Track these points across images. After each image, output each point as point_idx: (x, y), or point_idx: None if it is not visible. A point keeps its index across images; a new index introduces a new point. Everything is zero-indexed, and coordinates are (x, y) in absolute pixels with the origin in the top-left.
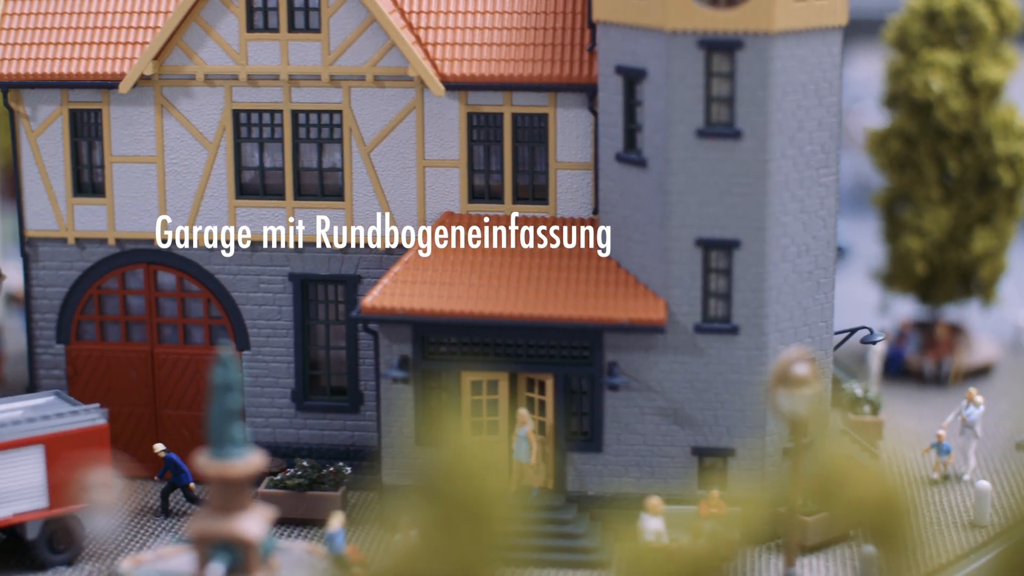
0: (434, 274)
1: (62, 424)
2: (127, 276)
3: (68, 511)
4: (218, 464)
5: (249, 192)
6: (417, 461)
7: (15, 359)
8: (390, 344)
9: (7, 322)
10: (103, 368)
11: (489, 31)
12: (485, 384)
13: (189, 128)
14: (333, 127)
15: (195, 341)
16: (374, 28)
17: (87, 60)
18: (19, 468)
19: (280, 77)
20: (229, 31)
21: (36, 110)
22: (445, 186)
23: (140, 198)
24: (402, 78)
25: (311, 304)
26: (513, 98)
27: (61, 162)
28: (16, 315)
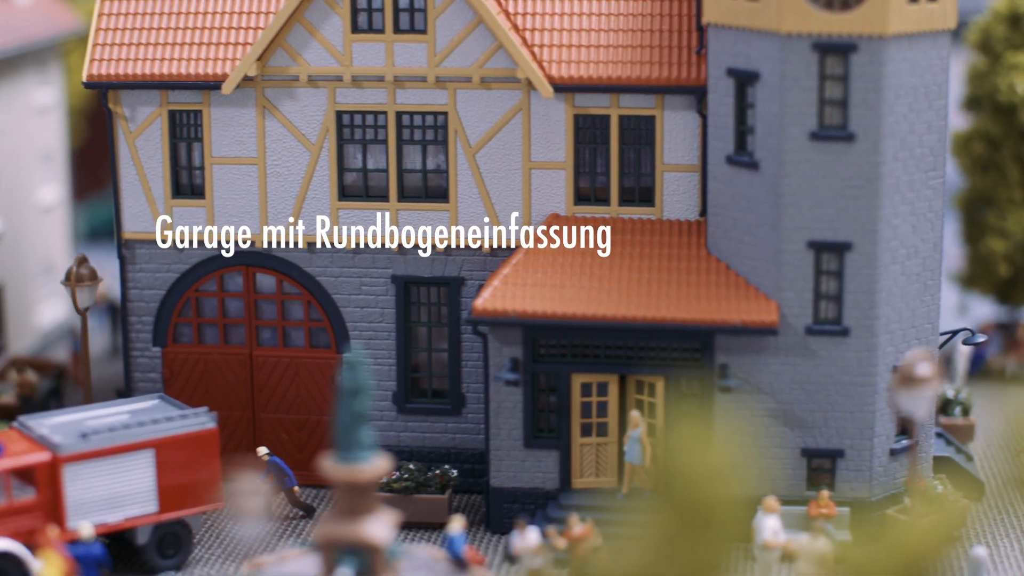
0: (543, 276)
1: (172, 428)
2: (225, 278)
3: (178, 516)
4: (345, 468)
5: (351, 194)
6: (526, 464)
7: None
8: (500, 346)
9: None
10: (200, 371)
11: (596, 33)
12: (595, 386)
13: (291, 130)
14: (437, 128)
15: (294, 344)
16: (480, 29)
17: (187, 61)
18: (130, 472)
19: (385, 78)
20: (333, 32)
21: (135, 111)
22: (551, 188)
23: (240, 200)
24: (508, 80)
25: (413, 306)
26: (620, 100)
27: (160, 164)
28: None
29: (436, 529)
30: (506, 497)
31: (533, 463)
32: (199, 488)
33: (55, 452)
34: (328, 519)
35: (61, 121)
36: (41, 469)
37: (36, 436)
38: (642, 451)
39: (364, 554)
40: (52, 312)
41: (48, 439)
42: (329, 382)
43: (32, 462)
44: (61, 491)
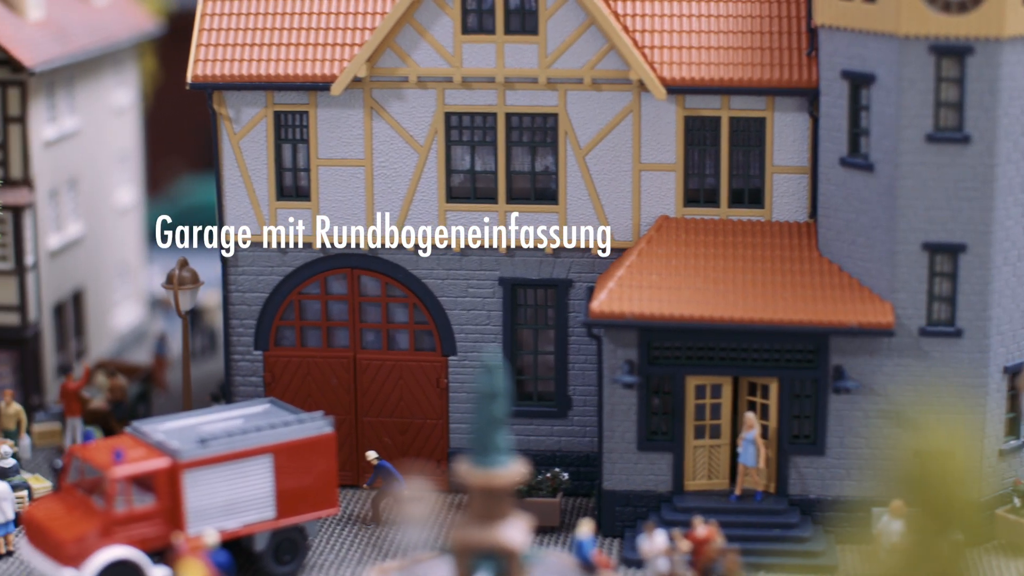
0: (658, 278)
1: (291, 433)
2: (329, 281)
3: (295, 522)
4: (482, 473)
5: (458, 195)
6: (639, 466)
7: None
8: (615, 349)
9: (160, 326)
10: (302, 374)
11: (706, 35)
12: (708, 388)
13: (399, 131)
14: (547, 130)
15: (399, 347)
16: (592, 30)
17: (294, 62)
18: (248, 478)
19: (496, 80)
20: (443, 33)
21: (240, 112)
22: (660, 190)
23: (346, 202)
24: (620, 81)
25: (519, 308)
26: (731, 102)
27: (264, 165)
28: (165, 319)
29: (547, 533)
30: (618, 500)
31: (646, 465)
32: (316, 493)
33: (175, 458)
34: (463, 523)
35: (137, 122)
36: (161, 476)
37: (153, 442)
38: (756, 453)
39: (501, 559)
40: (127, 315)
41: (166, 445)
42: (433, 385)
43: (152, 468)
44: (181, 498)
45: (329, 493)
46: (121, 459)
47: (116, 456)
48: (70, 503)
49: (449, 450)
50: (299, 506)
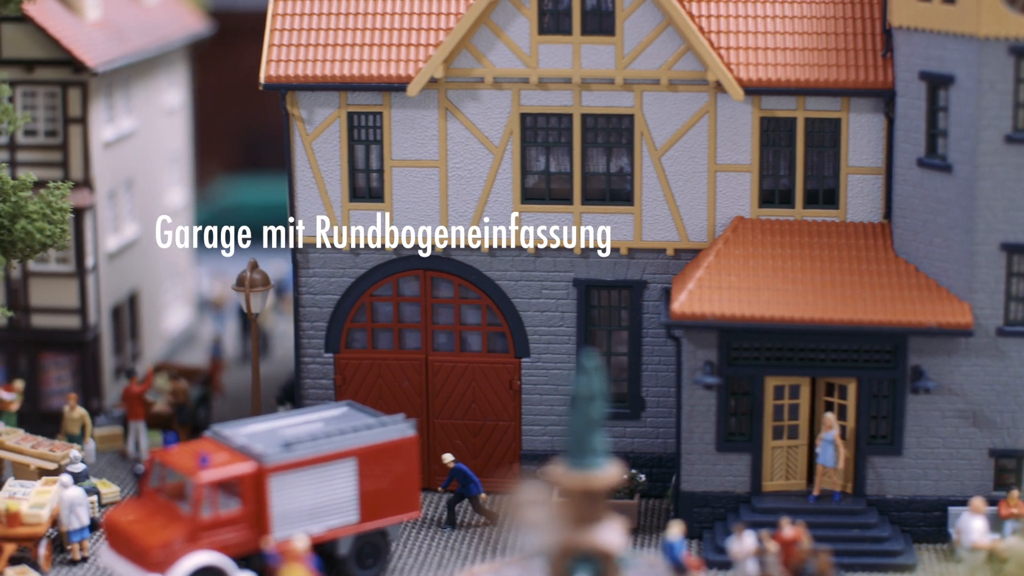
0: (737, 279)
1: (375, 436)
2: (401, 282)
3: (378, 526)
4: (579, 475)
5: (533, 196)
6: (717, 467)
7: (233, 366)
8: (694, 350)
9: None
10: (373, 376)
11: (781, 35)
12: (787, 389)
13: (474, 132)
14: (622, 131)
15: (471, 348)
16: (669, 31)
17: (367, 62)
18: (333, 482)
19: (572, 80)
20: (520, 34)
21: (312, 113)
22: (736, 191)
23: (420, 203)
24: (696, 82)
25: (593, 310)
26: (806, 103)
27: (337, 166)
28: (214, 320)
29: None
30: (696, 501)
31: (724, 467)
32: (398, 496)
33: (260, 462)
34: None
35: (188, 123)
36: (247, 480)
37: (236, 446)
38: (835, 453)
39: (597, 562)
40: (177, 317)
41: (251, 449)
42: (506, 387)
43: (238, 473)
44: (267, 502)
45: (411, 496)
46: (207, 464)
47: (202, 461)
48: (153, 508)
49: (521, 452)
50: (382, 510)
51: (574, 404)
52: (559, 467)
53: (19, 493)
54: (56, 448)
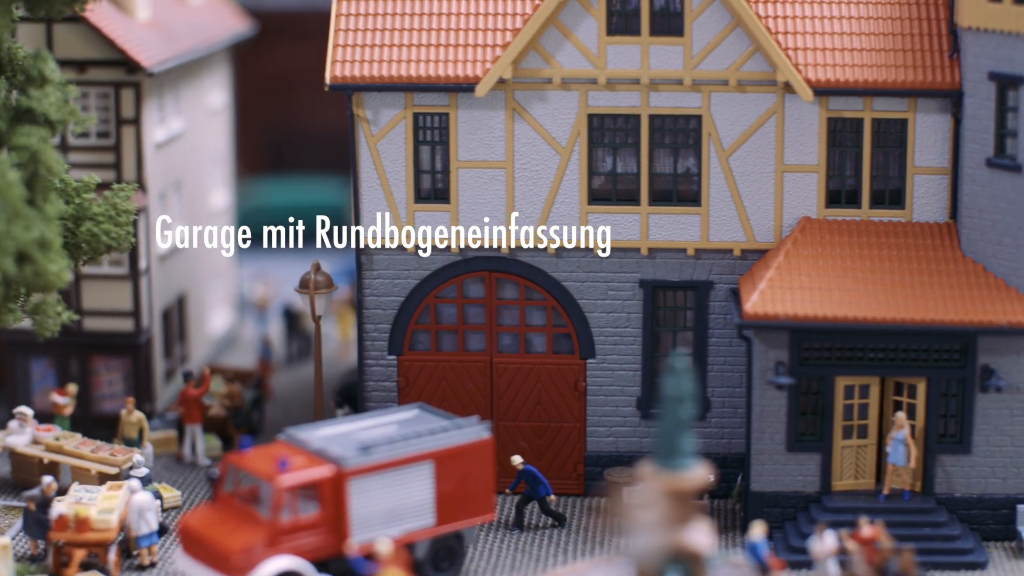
0: (807, 279)
1: (451, 439)
2: (466, 284)
3: (454, 528)
4: (668, 476)
5: (599, 197)
6: (787, 467)
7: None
8: (766, 350)
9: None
10: (437, 379)
11: (848, 36)
12: (857, 388)
13: (541, 132)
14: (689, 131)
15: (536, 350)
16: (737, 32)
17: (434, 63)
18: (410, 485)
19: (640, 81)
20: (588, 34)
21: (378, 114)
22: (803, 191)
23: (486, 204)
24: (764, 83)
25: (658, 310)
26: (873, 103)
27: (402, 167)
28: (257, 322)
29: None
30: (766, 501)
31: (795, 467)
32: (473, 499)
33: (339, 466)
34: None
35: (230, 123)
36: (326, 484)
37: (313, 450)
38: (906, 452)
39: (687, 563)
40: (221, 319)
41: (329, 453)
42: (571, 388)
43: (318, 477)
44: (346, 506)
45: (486, 499)
46: (286, 468)
47: (281, 465)
48: (229, 513)
49: (586, 453)
50: (457, 512)
51: (664, 405)
52: (648, 468)
53: (85, 498)
54: (117, 452)
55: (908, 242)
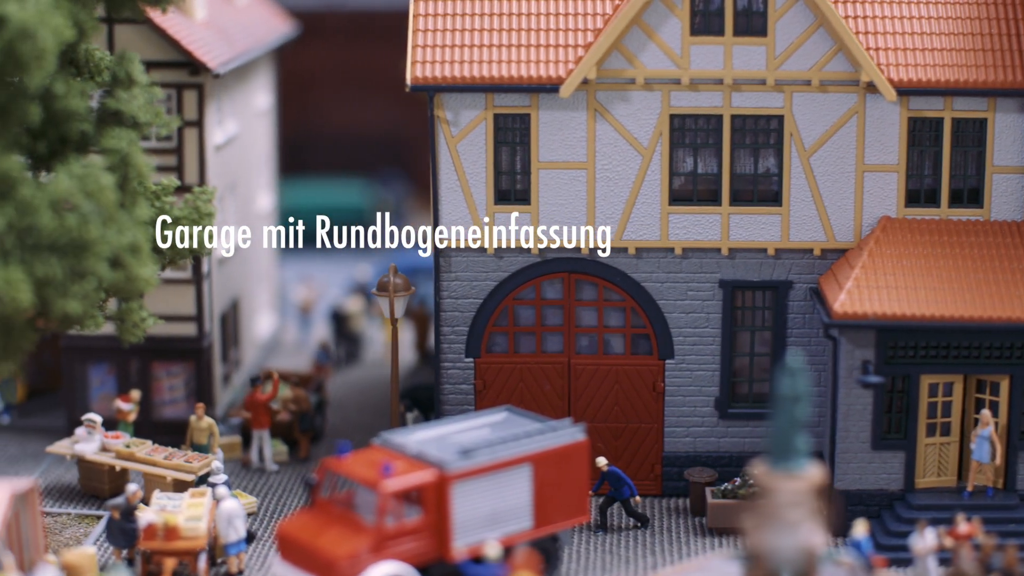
0: (892, 278)
1: (548, 441)
2: (544, 285)
3: (551, 531)
4: (782, 476)
5: (679, 198)
6: (872, 465)
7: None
8: (852, 349)
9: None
10: (515, 381)
11: (929, 36)
12: (940, 386)
13: (623, 133)
14: (770, 132)
15: (614, 351)
16: (820, 32)
17: (515, 63)
18: (509, 488)
19: (723, 81)
20: (671, 34)
21: (458, 115)
22: (882, 191)
23: (566, 205)
24: (846, 83)
25: (737, 310)
26: (954, 103)
27: (482, 169)
28: (301, 325)
29: None
30: (851, 499)
31: (879, 465)
32: (569, 501)
33: (442, 470)
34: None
35: (273, 125)
36: (429, 488)
37: (411, 454)
38: (991, 449)
39: (800, 561)
40: (266, 323)
41: (429, 456)
42: (649, 389)
43: (421, 481)
44: (448, 510)
45: (581, 501)
46: (390, 473)
47: (385, 470)
48: (329, 519)
49: (663, 454)
50: (554, 515)
51: (778, 405)
52: (761, 467)
53: (169, 506)
54: (192, 459)
55: (987, 240)
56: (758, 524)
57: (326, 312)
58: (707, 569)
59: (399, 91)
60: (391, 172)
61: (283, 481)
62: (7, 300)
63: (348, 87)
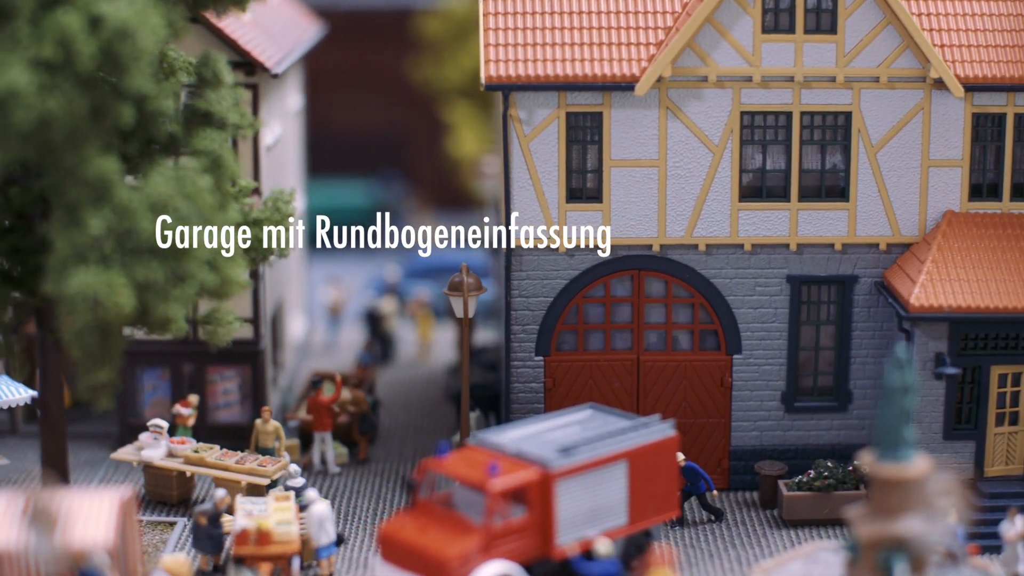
0: (963, 271)
1: (643, 437)
2: (613, 283)
3: (645, 526)
4: (891, 466)
5: (748, 194)
6: (943, 455)
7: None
8: (926, 341)
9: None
10: (584, 378)
11: (992, 33)
12: (1010, 376)
13: (695, 131)
14: (837, 128)
15: (681, 347)
16: (889, 30)
17: (588, 62)
18: (606, 485)
19: (794, 79)
20: (743, 33)
21: (531, 114)
22: (947, 185)
23: (638, 203)
24: (913, 79)
25: (803, 305)
26: (1016, 99)
27: (554, 167)
28: (331, 327)
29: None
30: None
31: (950, 455)
32: (661, 497)
33: (545, 468)
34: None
35: (303, 126)
36: (534, 487)
37: (512, 453)
38: None
39: (909, 551)
40: (298, 325)
41: (531, 455)
42: (717, 384)
43: (527, 480)
44: (552, 508)
45: (671, 496)
46: (496, 472)
47: (491, 470)
48: (431, 519)
49: (730, 449)
50: (647, 510)
51: (887, 396)
52: (869, 458)
53: (255, 511)
54: (265, 462)
55: None
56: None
57: (356, 313)
58: (814, 560)
59: (396, 91)
60: (389, 172)
61: (347, 483)
62: (110, 305)
63: (345, 87)
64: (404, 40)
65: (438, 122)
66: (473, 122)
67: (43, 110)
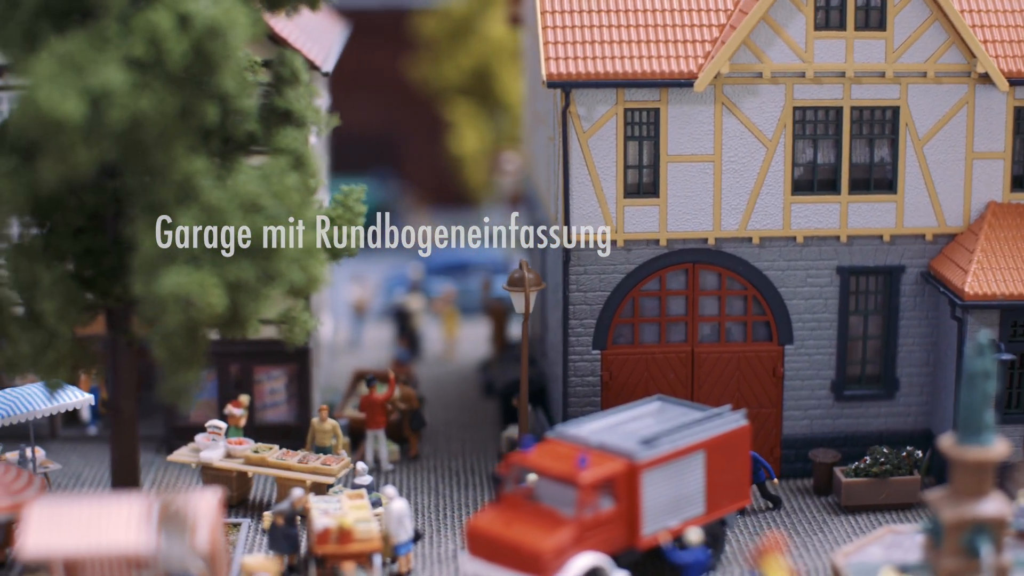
0: (1011, 260)
1: (718, 428)
2: (668, 277)
3: (720, 515)
4: (972, 449)
5: (800, 188)
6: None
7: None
8: (978, 329)
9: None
10: (640, 371)
11: None
12: None
13: (749, 126)
14: (885, 122)
15: (734, 339)
16: (935, 26)
17: (647, 59)
18: (686, 475)
19: (845, 74)
20: (796, 30)
21: (590, 110)
22: (990, 177)
23: (693, 197)
24: (959, 74)
25: (852, 295)
26: None
27: (612, 163)
28: (355, 325)
29: (906, 510)
30: None
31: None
32: (734, 486)
33: (631, 460)
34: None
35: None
36: (621, 478)
37: (593, 445)
38: None
39: (992, 532)
40: (327, 323)
41: (615, 447)
42: (769, 375)
43: (614, 472)
44: (639, 499)
45: (743, 485)
46: (586, 465)
47: (581, 462)
48: (519, 513)
49: (782, 437)
50: (722, 500)
51: (968, 381)
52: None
53: (330, 510)
54: (329, 461)
55: None
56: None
57: (380, 311)
58: (894, 543)
59: (391, 90)
60: (384, 171)
61: (403, 480)
62: (202, 305)
63: (342, 86)
64: (401, 39)
65: (434, 121)
66: (474, 120)
67: (135, 109)
